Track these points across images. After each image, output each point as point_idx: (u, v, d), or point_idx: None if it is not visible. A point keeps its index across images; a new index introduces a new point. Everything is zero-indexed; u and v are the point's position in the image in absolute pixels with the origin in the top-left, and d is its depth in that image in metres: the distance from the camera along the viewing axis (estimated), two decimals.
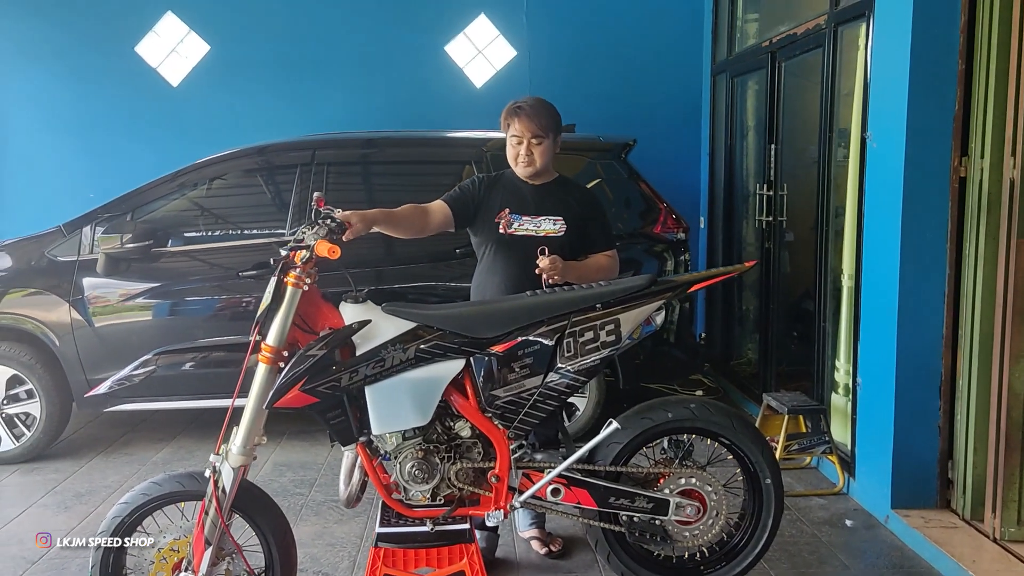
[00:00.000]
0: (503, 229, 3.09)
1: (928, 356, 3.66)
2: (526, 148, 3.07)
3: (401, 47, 6.52)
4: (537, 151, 3.08)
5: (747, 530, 2.83)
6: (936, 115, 3.54)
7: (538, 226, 3.08)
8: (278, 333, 2.52)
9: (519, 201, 3.12)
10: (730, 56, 6.07)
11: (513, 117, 3.09)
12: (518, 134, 3.08)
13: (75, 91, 6.45)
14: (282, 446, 4.84)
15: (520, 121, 3.07)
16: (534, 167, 3.10)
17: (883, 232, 3.75)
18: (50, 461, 4.65)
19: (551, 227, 3.08)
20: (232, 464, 2.54)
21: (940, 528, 3.52)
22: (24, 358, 4.57)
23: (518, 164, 3.11)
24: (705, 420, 2.71)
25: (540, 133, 3.07)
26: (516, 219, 3.09)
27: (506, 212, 3.10)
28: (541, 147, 3.09)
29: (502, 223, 3.09)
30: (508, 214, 3.09)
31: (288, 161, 4.81)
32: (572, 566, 3.38)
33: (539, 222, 3.09)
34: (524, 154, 3.08)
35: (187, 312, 4.70)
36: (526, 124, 3.06)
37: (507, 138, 3.13)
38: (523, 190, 3.15)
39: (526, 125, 3.06)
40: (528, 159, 3.08)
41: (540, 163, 3.10)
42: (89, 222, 4.68)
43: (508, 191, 3.15)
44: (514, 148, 3.10)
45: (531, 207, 3.11)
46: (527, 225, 3.09)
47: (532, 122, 3.06)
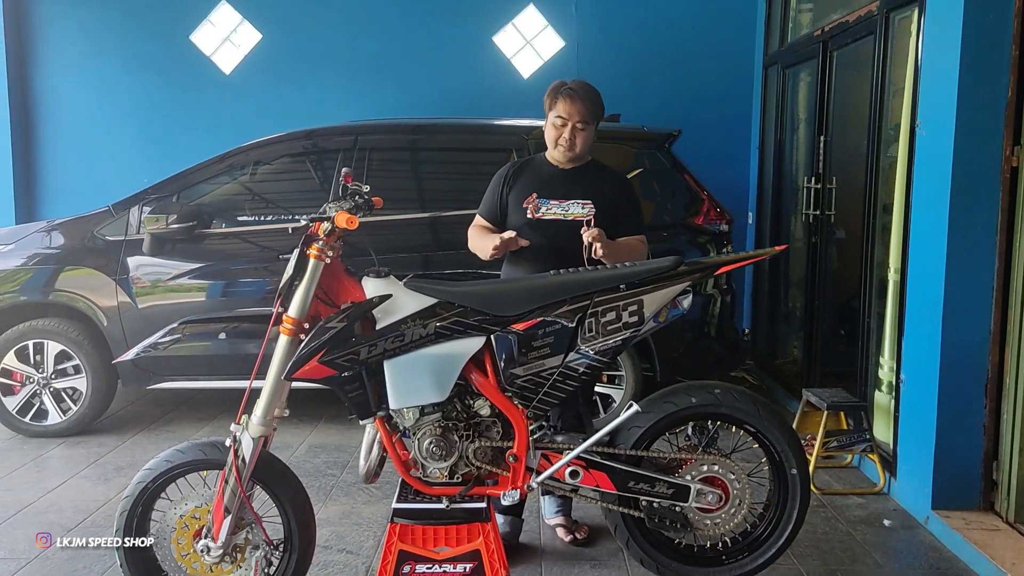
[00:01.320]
0: (531, 213, 3.07)
1: (974, 353, 3.53)
2: (570, 131, 3.04)
3: (450, 38, 6.55)
4: (580, 136, 3.05)
5: (771, 521, 2.76)
6: (988, 103, 3.42)
7: (566, 210, 3.05)
8: (300, 305, 2.54)
9: (547, 185, 3.10)
10: (782, 47, 5.95)
11: (561, 98, 3.04)
12: (564, 115, 3.03)
13: (131, 78, 6.62)
14: (318, 429, 4.90)
15: (569, 103, 3.02)
16: (574, 152, 3.07)
17: (931, 225, 3.63)
18: (94, 436, 4.77)
19: (579, 211, 3.03)
20: (252, 434, 2.57)
21: (981, 530, 3.40)
22: (73, 334, 4.70)
23: (558, 146, 3.08)
24: (730, 406, 2.65)
25: (588, 119, 3.04)
26: (544, 203, 3.06)
27: (533, 196, 3.07)
28: (584, 133, 3.06)
29: (530, 207, 3.07)
30: (536, 198, 3.07)
31: (332, 145, 4.86)
32: (597, 554, 3.34)
33: (567, 206, 3.05)
34: (567, 137, 3.04)
35: (230, 293, 4.78)
36: (576, 107, 3.02)
37: (549, 118, 3.09)
38: (552, 174, 3.13)
39: (576, 108, 3.02)
40: (570, 143, 3.05)
41: (580, 149, 3.08)
42: (137, 202, 4.78)
43: (536, 175, 3.13)
44: (556, 130, 3.06)
45: (560, 191, 3.08)
46: (555, 209, 3.05)
47: (582, 106, 3.02)
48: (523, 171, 3.16)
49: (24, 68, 6.63)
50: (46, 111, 6.68)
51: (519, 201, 3.09)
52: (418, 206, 4.85)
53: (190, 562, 2.68)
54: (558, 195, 3.07)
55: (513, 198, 3.12)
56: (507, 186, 3.14)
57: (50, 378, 4.72)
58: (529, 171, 3.16)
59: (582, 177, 3.13)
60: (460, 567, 2.57)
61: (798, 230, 5.58)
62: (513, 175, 3.15)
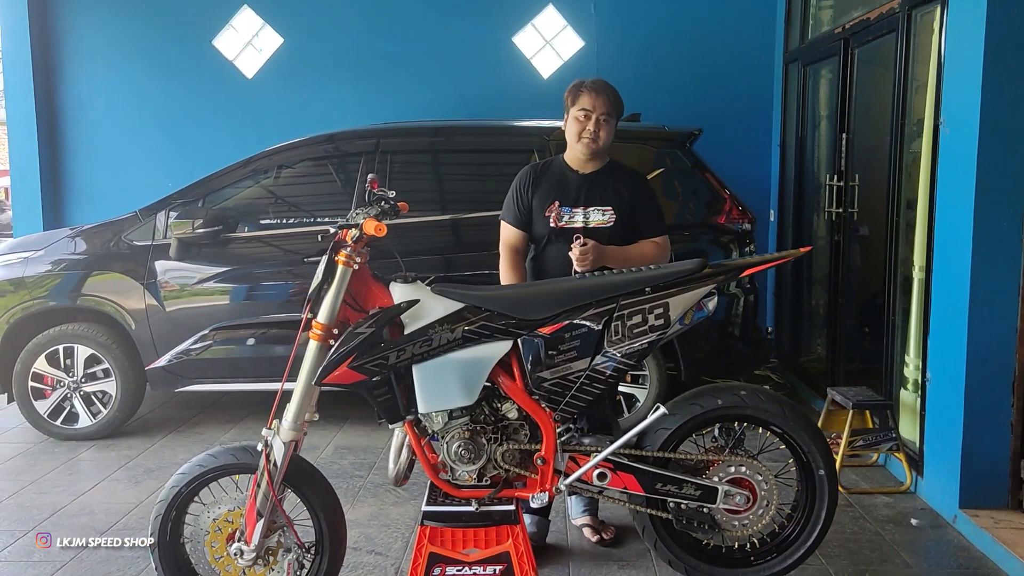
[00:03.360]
0: (553, 223, 3.10)
1: (1001, 351, 3.52)
2: (594, 123, 3.06)
3: (470, 39, 6.57)
4: (604, 129, 3.07)
5: (799, 522, 2.76)
6: (1012, 100, 3.40)
7: (587, 217, 3.09)
8: (329, 311, 2.57)
9: (567, 192, 3.13)
10: (803, 44, 5.93)
11: (584, 91, 3.07)
12: (588, 108, 3.06)
13: (156, 84, 6.70)
14: (344, 430, 4.94)
15: (594, 96, 3.05)
16: (597, 145, 3.09)
17: (955, 222, 3.61)
18: (124, 438, 4.84)
19: (600, 218, 3.08)
20: (283, 439, 2.60)
21: (1010, 529, 3.38)
22: (102, 338, 4.76)
23: (582, 140, 3.09)
24: (756, 408, 2.66)
25: (611, 112, 3.07)
26: (566, 212, 3.10)
27: (555, 205, 3.10)
28: (608, 126, 3.08)
29: (552, 216, 3.10)
30: (558, 207, 3.10)
31: (354, 149, 4.89)
32: (624, 555, 3.36)
33: (588, 213, 3.09)
34: (592, 130, 3.06)
35: (255, 297, 4.82)
36: (601, 100, 3.05)
37: (571, 114, 3.11)
38: (571, 180, 3.15)
39: (601, 100, 3.05)
40: (594, 135, 3.07)
41: (603, 143, 3.09)
42: (163, 208, 4.84)
43: (556, 182, 3.15)
44: (580, 123, 3.08)
45: (580, 198, 3.11)
46: (577, 217, 3.10)
47: (606, 98, 3.06)
48: (543, 176, 3.18)
49: (50, 76, 6.72)
50: (72, 118, 6.77)
51: (542, 208, 3.12)
52: (440, 208, 4.87)
53: (224, 565, 2.72)
54: (580, 202, 3.10)
55: (537, 204, 3.14)
56: (529, 192, 3.16)
57: (80, 382, 4.79)
58: (548, 176, 3.17)
59: (601, 181, 3.15)
60: (490, 569, 2.59)
61: (821, 228, 5.56)
62: (533, 181, 3.17)
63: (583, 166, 3.15)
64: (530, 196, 3.15)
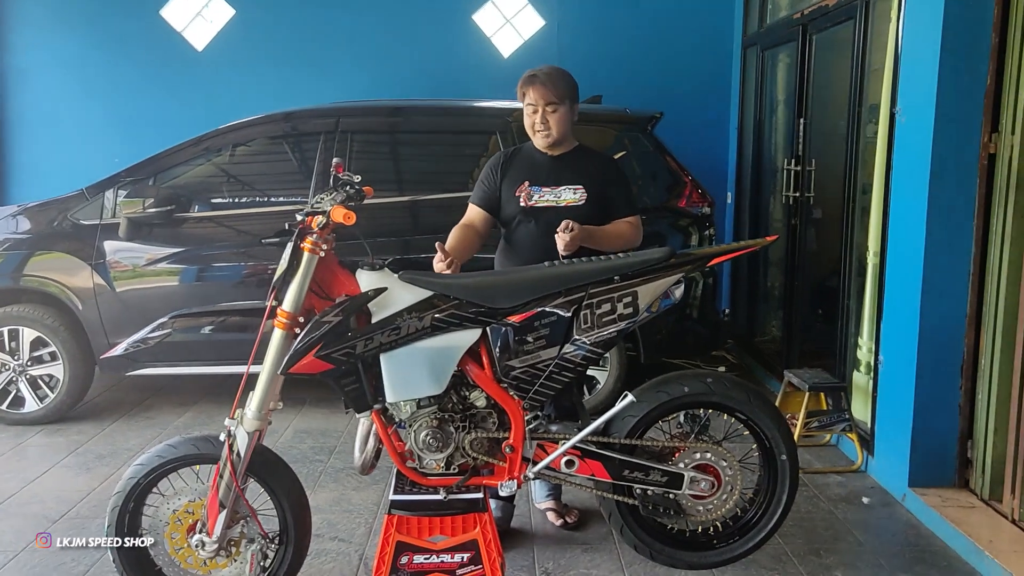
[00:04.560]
0: (524, 202, 3.09)
1: (951, 335, 3.61)
2: (541, 116, 3.05)
3: (429, 15, 6.47)
4: (553, 119, 3.06)
5: (761, 505, 2.82)
6: (967, 90, 3.46)
7: (558, 196, 3.08)
8: (294, 299, 2.53)
9: (538, 172, 3.12)
10: (761, 28, 5.97)
11: (528, 86, 3.07)
12: (533, 103, 3.05)
13: (100, 55, 6.48)
14: (303, 414, 4.88)
15: (535, 89, 3.04)
16: (551, 136, 3.08)
17: (909, 209, 3.68)
18: (73, 423, 4.71)
19: (571, 196, 3.07)
20: (247, 428, 2.56)
21: (957, 507, 3.49)
22: (48, 321, 4.62)
23: (536, 134, 3.09)
24: (722, 395, 2.69)
25: (555, 100, 3.04)
26: (536, 191, 3.09)
27: (526, 184, 3.09)
28: (557, 115, 3.06)
29: (522, 196, 3.09)
30: (528, 186, 3.09)
31: (312, 128, 4.80)
32: (587, 538, 3.39)
33: (559, 192, 3.08)
34: (540, 122, 3.06)
35: (209, 278, 4.72)
36: (540, 92, 3.04)
37: (523, 108, 3.11)
38: (541, 161, 3.15)
39: (540, 93, 3.04)
40: (544, 127, 3.06)
41: (557, 132, 3.07)
42: (112, 186, 4.70)
43: (526, 164, 3.15)
44: (530, 117, 3.09)
45: (550, 178, 3.10)
46: (547, 196, 3.08)
47: (547, 89, 3.03)
48: (514, 159, 3.18)
49: None
50: (13, 91, 6.51)
51: (512, 190, 3.11)
52: (401, 189, 4.82)
53: (184, 557, 2.68)
54: (549, 182, 3.09)
55: (506, 187, 3.13)
56: (500, 175, 3.15)
57: (26, 365, 4.64)
58: (520, 159, 3.17)
59: (571, 162, 3.15)
60: (457, 557, 2.60)
61: (777, 211, 5.64)
62: (504, 164, 3.16)
63: (552, 150, 3.15)
64: (500, 179, 3.14)
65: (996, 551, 3.13)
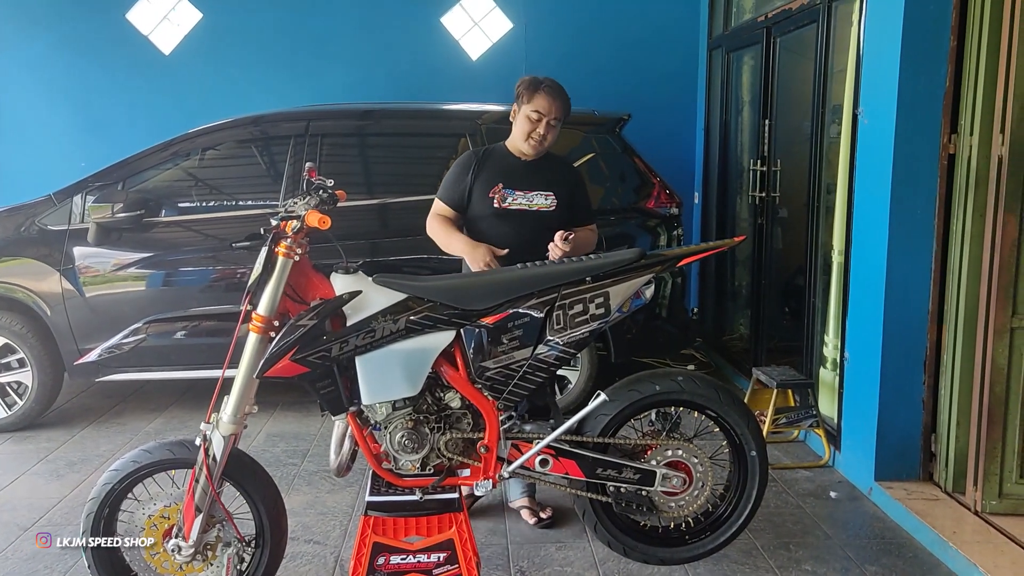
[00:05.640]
0: (497, 203, 3.14)
1: (914, 331, 3.70)
2: (544, 126, 3.11)
3: (397, 17, 6.46)
4: (552, 133, 3.14)
5: (732, 501, 2.87)
6: (927, 92, 3.54)
7: (531, 200, 3.14)
8: (269, 303, 2.54)
9: (512, 176, 3.17)
10: (726, 31, 6.05)
11: (540, 93, 3.10)
12: (542, 111, 3.09)
13: (66, 58, 6.39)
14: (275, 417, 4.88)
15: (548, 100, 3.09)
16: (543, 148, 3.16)
17: (873, 208, 3.76)
18: (42, 430, 4.67)
19: (543, 202, 3.15)
20: (222, 432, 2.56)
21: (922, 500, 3.58)
22: (15, 327, 4.58)
23: (530, 139, 3.13)
24: (692, 393, 2.74)
25: (562, 116, 3.13)
26: (510, 193, 3.14)
27: (499, 187, 3.14)
28: (555, 130, 3.15)
29: (496, 198, 3.13)
30: (502, 188, 3.14)
31: (282, 132, 4.79)
32: (561, 535, 3.43)
33: (531, 196, 3.15)
34: (541, 132, 3.11)
35: (179, 282, 4.70)
36: (554, 104, 3.10)
37: (523, 111, 3.14)
38: (515, 165, 3.20)
39: (556, 105, 3.10)
40: (542, 138, 3.12)
41: (548, 144, 3.17)
42: (80, 191, 4.66)
43: (500, 166, 3.19)
44: (531, 124, 3.11)
45: (524, 182, 3.16)
46: (520, 200, 3.14)
47: (561, 104, 3.12)
48: (487, 160, 3.22)
49: None
50: None
51: (485, 190, 3.15)
52: (371, 192, 4.83)
53: (160, 561, 2.67)
54: (523, 186, 3.15)
55: (479, 186, 3.17)
56: (472, 174, 3.19)
57: None
58: (493, 161, 3.21)
59: (543, 168, 3.21)
60: (434, 556, 2.62)
61: (744, 211, 5.72)
62: (478, 164, 3.20)
63: (527, 155, 3.19)
64: (472, 179, 3.18)
65: (960, 542, 3.22)
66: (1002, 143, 3.27)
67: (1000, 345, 3.35)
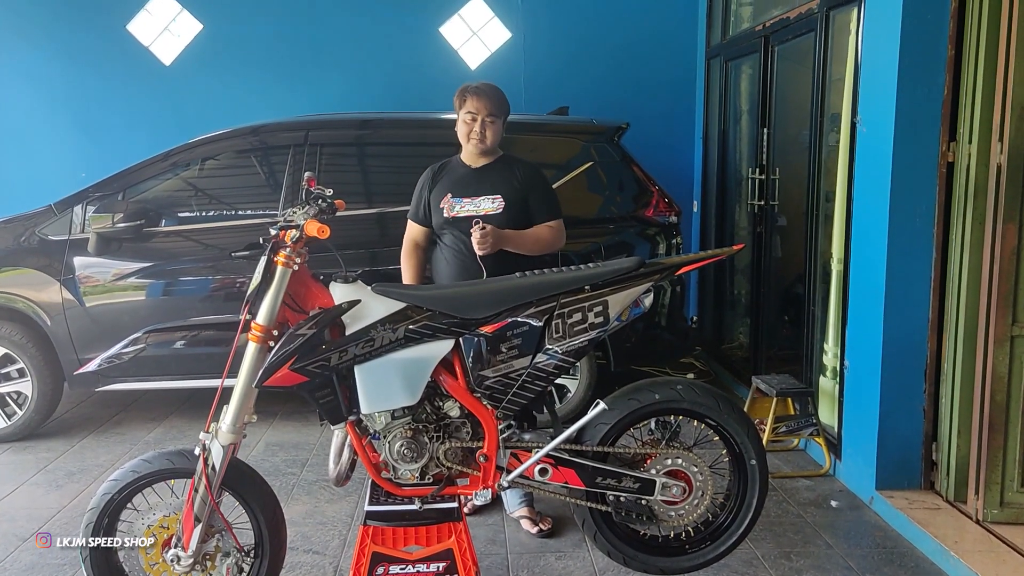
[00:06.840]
0: (447, 213, 3.29)
1: (914, 340, 3.69)
2: (480, 125, 3.26)
3: (396, 28, 6.49)
4: (490, 130, 3.28)
5: (732, 510, 2.85)
6: (925, 100, 3.55)
7: (477, 206, 3.29)
8: (268, 312, 2.54)
9: (460, 185, 3.33)
10: (724, 40, 6.07)
11: (469, 95, 3.28)
12: (473, 111, 3.26)
13: (67, 69, 6.41)
14: (274, 426, 4.87)
15: (477, 99, 3.26)
16: (485, 144, 3.29)
17: (872, 217, 3.77)
18: (42, 440, 4.67)
19: (490, 205, 3.28)
20: (222, 442, 2.56)
21: (923, 509, 3.57)
22: (15, 337, 4.58)
23: (470, 140, 3.29)
24: (692, 401, 2.73)
25: (495, 112, 3.27)
26: (457, 202, 3.30)
27: (448, 196, 3.30)
28: (494, 127, 3.29)
29: (446, 208, 3.30)
30: (450, 198, 3.30)
31: (281, 142, 4.80)
32: (561, 545, 3.42)
33: (478, 202, 3.29)
34: (478, 131, 3.26)
35: (179, 292, 4.70)
36: (484, 102, 3.26)
37: (460, 116, 3.30)
38: (463, 174, 3.36)
39: (483, 103, 3.26)
40: (480, 136, 3.27)
41: (491, 142, 3.30)
42: (80, 201, 4.67)
43: (451, 178, 3.37)
44: (468, 125, 3.28)
45: (470, 189, 3.31)
46: (468, 206, 3.29)
47: (490, 101, 3.26)
48: (441, 173, 3.40)
49: None
50: None
51: (438, 203, 3.33)
52: (370, 201, 4.83)
53: (159, 572, 2.67)
54: (470, 193, 3.29)
55: (433, 199, 3.35)
56: (427, 189, 3.38)
57: None
58: (445, 173, 3.39)
59: (491, 173, 3.35)
60: (433, 566, 2.61)
61: (743, 219, 5.73)
62: (432, 178, 3.39)
63: (475, 161, 3.35)
64: (428, 193, 3.37)
65: (961, 551, 3.21)
66: (1001, 151, 3.28)
67: (1000, 353, 3.34)
